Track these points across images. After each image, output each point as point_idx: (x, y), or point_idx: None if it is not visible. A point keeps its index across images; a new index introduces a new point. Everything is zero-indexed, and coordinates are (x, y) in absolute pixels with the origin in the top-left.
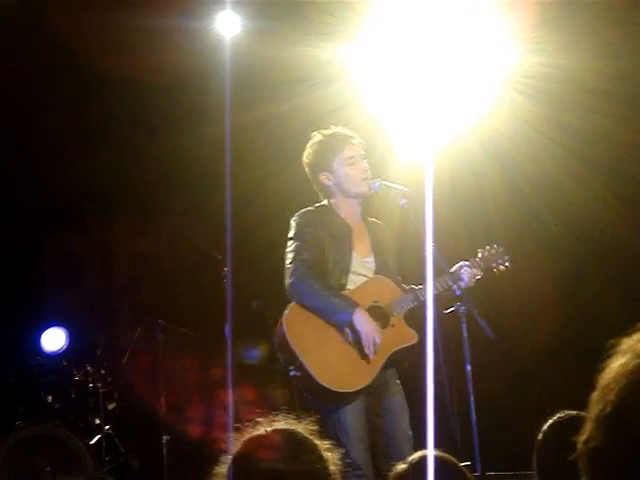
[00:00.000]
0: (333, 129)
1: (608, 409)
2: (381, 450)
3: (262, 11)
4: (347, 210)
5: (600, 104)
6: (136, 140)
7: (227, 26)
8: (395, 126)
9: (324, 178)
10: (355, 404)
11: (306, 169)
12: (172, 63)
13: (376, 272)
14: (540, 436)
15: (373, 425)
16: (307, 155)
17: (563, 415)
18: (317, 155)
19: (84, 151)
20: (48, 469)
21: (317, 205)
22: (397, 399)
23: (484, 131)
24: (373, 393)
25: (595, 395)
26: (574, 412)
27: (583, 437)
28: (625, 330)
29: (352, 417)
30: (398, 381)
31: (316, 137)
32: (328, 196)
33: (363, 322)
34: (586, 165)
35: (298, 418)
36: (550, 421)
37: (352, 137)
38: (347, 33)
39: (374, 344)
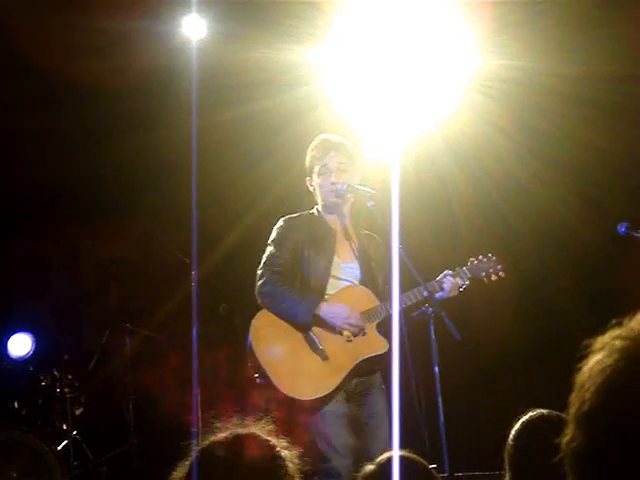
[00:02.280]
0: (326, 137)
1: (585, 408)
2: (362, 456)
3: (228, 14)
4: (329, 216)
5: (563, 106)
6: (102, 143)
7: (193, 29)
8: (362, 128)
9: (308, 183)
10: (335, 411)
11: None
12: (138, 66)
13: (361, 280)
14: (512, 436)
15: (355, 431)
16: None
17: (535, 414)
18: (306, 160)
19: (49, 155)
20: (14, 475)
21: (305, 212)
22: (380, 406)
23: (449, 132)
24: (356, 399)
25: (573, 395)
26: (545, 410)
27: (566, 438)
28: (589, 329)
29: (331, 424)
30: (383, 387)
31: (314, 142)
32: (317, 199)
33: (332, 311)
34: (549, 166)
35: (256, 419)
36: (522, 420)
37: (335, 147)
38: (314, 36)
39: (357, 325)
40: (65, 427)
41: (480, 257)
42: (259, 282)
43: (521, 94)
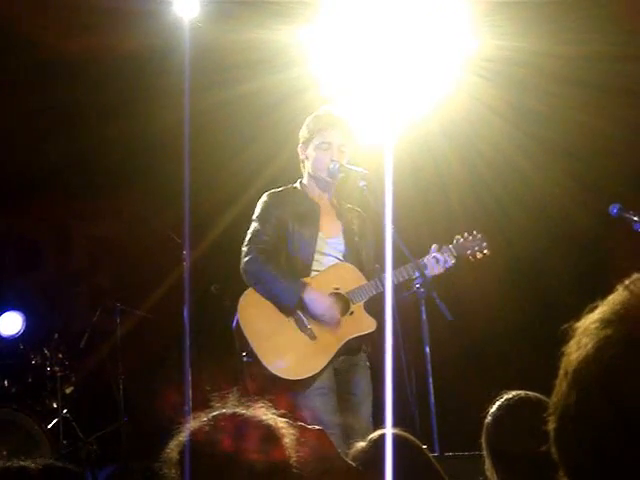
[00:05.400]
0: (331, 110)
1: (572, 398)
2: (346, 433)
3: None
4: (315, 190)
5: (559, 88)
6: (94, 122)
7: (185, 8)
8: (355, 110)
9: (301, 151)
10: (322, 387)
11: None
12: (130, 45)
13: (345, 255)
14: (490, 418)
15: (339, 407)
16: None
17: (512, 396)
18: (305, 127)
19: (41, 133)
20: (5, 453)
21: (289, 186)
22: (363, 383)
23: (444, 115)
24: (342, 375)
25: (557, 383)
26: (522, 392)
27: (551, 426)
28: (581, 311)
29: (320, 400)
30: (368, 363)
31: (317, 111)
32: (303, 170)
33: (314, 300)
34: (545, 149)
35: (253, 400)
36: (498, 403)
37: (340, 124)
38: (306, 16)
39: (333, 319)
40: (55, 406)
41: (465, 235)
42: (244, 259)
43: (518, 75)
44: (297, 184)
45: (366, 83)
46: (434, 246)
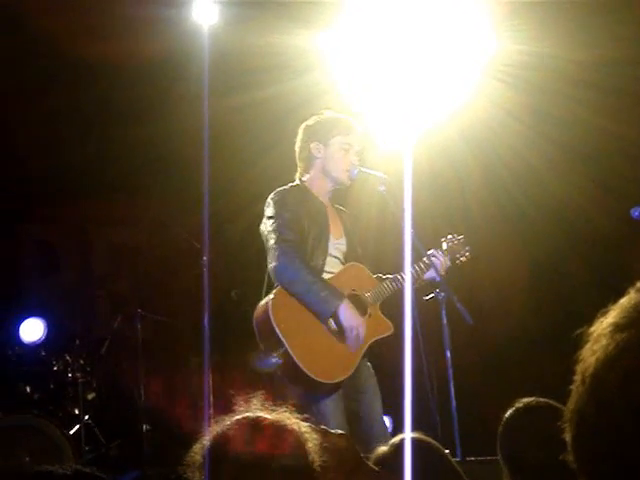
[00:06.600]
0: (348, 117)
1: (591, 404)
2: (357, 433)
3: None
4: (320, 190)
5: (579, 92)
6: (113, 128)
7: (205, 14)
8: (374, 114)
9: (315, 148)
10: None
11: (301, 133)
12: (150, 51)
13: (346, 256)
14: (502, 427)
15: (349, 409)
16: (312, 120)
17: (522, 405)
18: (322, 124)
19: (62, 139)
20: (27, 459)
21: (291, 185)
22: (370, 382)
23: (463, 119)
24: (348, 378)
25: (573, 390)
26: (533, 399)
27: (567, 435)
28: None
29: (332, 405)
30: (369, 364)
31: (328, 112)
32: (307, 169)
33: (348, 315)
34: (564, 153)
35: (276, 405)
36: (510, 411)
37: (360, 131)
38: (325, 20)
39: (358, 339)
40: (77, 412)
41: (450, 237)
42: (278, 261)
43: (537, 80)
44: (298, 182)
45: (385, 87)
46: (432, 251)
